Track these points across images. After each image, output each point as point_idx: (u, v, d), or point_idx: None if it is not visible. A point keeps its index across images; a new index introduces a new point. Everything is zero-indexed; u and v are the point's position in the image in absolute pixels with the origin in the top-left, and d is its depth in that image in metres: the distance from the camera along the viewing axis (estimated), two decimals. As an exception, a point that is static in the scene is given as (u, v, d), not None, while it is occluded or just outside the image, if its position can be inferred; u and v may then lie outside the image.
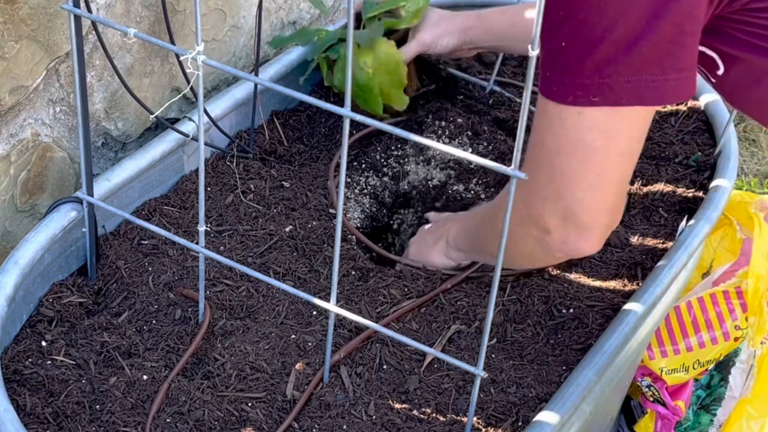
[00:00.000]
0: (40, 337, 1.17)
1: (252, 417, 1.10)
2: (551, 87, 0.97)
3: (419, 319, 1.25)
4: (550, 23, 0.93)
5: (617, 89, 0.93)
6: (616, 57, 0.91)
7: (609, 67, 0.92)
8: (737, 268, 1.59)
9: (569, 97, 0.96)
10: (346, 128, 0.91)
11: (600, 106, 0.95)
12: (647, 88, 0.93)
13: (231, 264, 1.10)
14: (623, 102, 0.94)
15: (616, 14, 0.90)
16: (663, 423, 1.63)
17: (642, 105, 0.95)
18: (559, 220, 1.04)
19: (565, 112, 0.97)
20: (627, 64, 0.92)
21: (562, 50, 0.94)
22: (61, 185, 1.39)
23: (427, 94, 1.65)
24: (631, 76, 0.92)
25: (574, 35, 0.92)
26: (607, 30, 0.90)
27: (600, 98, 0.94)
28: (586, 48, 0.92)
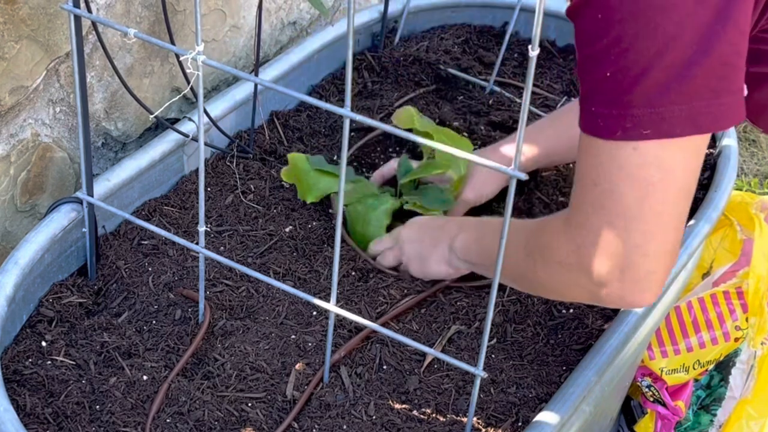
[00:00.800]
0: (40, 338, 1.17)
1: (252, 417, 1.10)
2: (597, 123, 0.90)
3: (419, 319, 1.25)
4: (591, 53, 0.88)
5: (670, 119, 0.87)
6: (668, 84, 0.86)
7: (661, 97, 0.86)
8: (738, 269, 1.59)
9: (618, 132, 0.89)
10: (346, 128, 0.91)
11: (652, 139, 0.88)
12: (702, 114, 0.87)
13: (231, 264, 1.10)
14: (677, 132, 0.88)
15: (666, 38, 0.84)
16: (663, 423, 1.62)
17: (698, 133, 0.89)
18: (616, 272, 0.95)
19: (617, 149, 0.90)
20: (679, 91, 0.86)
21: (607, 81, 0.88)
22: (61, 185, 1.39)
23: (427, 94, 1.65)
24: (684, 104, 0.86)
25: (620, 64, 0.86)
26: (657, 56, 0.85)
27: (652, 130, 0.88)
28: (634, 76, 0.86)
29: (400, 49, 1.71)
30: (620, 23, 0.85)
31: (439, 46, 1.72)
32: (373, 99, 1.62)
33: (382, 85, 1.66)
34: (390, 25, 1.74)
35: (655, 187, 0.91)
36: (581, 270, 0.98)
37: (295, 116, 1.57)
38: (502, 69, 1.70)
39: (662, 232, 0.94)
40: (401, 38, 1.75)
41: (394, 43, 1.73)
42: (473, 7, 1.80)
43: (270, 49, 1.75)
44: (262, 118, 1.54)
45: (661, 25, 0.84)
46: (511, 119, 1.59)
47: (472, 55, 1.73)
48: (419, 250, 1.27)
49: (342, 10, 1.93)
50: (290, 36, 1.80)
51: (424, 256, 1.26)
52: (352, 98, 1.61)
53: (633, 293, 0.97)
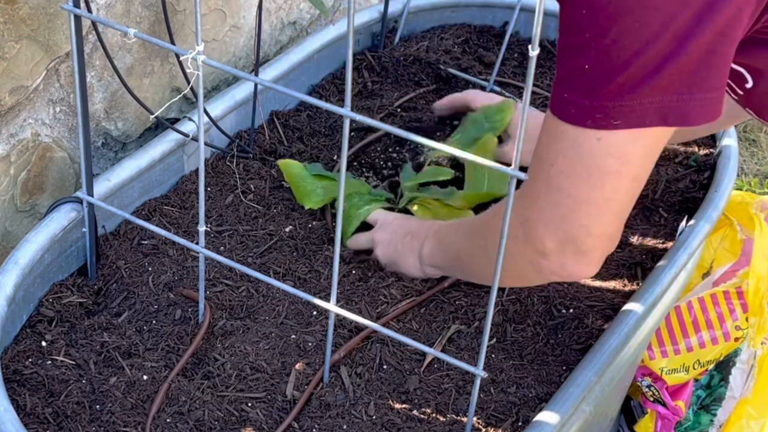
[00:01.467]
0: (40, 337, 1.17)
1: (252, 417, 1.10)
2: (568, 109, 0.93)
3: (419, 319, 1.25)
4: (573, 43, 0.90)
5: (640, 111, 0.90)
6: (642, 79, 0.88)
7: (634, 90, 0.89)
8: (738, 269, 1.59)
9: (588, 120, 0.92)
10: (346, 128, 0.91)
11: (621, 129, 0.91)
12: (671, 108, 0.90)
13: (231, 264, 1.10)
14: (646, 123, 0.91)
15: (649, 36, 0.86)
16: (663, 423, 1.62)
17: (665, 125, 0.91)
18: (558, 243, 1.00)
19: (583, 137, 0.93)
20: (652, 86, 0.88)
21: (585, 72, 0.90)
22: (61, 185, 1.39)
23: (427, 94, 1.65)
24: (655, 97, 0.89)
25: (600, 57, 0.89)
26: (637, 53, 0.87)
27: (622, 121, 0.91)
28: (612, 70, 0.88)
29: (400, 49, 1.71)
30: (606, 20, 0.87)
31: (439, 46, 1.72)
32: (373, 99, 1.62)
33: (382, 85, 1.66)
34: (390, 25, 1.74)
35: (610, 176, 0.95)
36: (527, 241, 1.02)
37: (295, 116, 1.57)
38: (502, 69, 1.70)
39: (608, 216, 0.98)
40: (401, 38, 1.75)
41: (394, 43, 1.73)
42: (473, 7, 1.80)
43: (270, 49, 1.75)
44: (262, 118, 1.54)
45: (645, 24, 0.86)
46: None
47: (472, 55, 1.73)
48: (393, 257, 1.30)
49: (342, 10, 1.93)
50: (290, 36, 1.80)
51: (398, 263, 1.29)
52: (352, 98, 1.61)
53: (574, 265, 1.02)
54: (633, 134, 0.92)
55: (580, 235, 0.99)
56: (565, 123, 0.94)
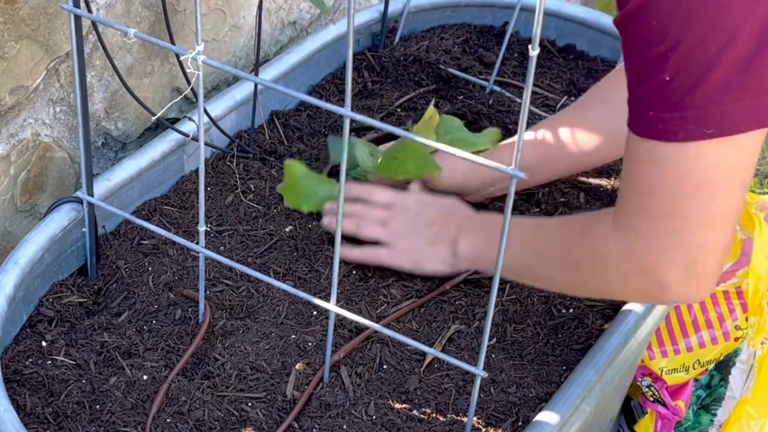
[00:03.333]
0: (40, 337, 1.17)
1: (252, 417, 1.10)
2: (656, 126, 0.89)
3: (419, 319, 1.25)
4: (647, 59, 0.88)
5: (733, 116, 0.86)
6: (729, 82, 0.85)
7: (723, 95, 0.85)
8: (738, 268, 1.59)
9: (680, 134, 0.88)
10: (347, 128, 0.91)
11: (715, 138, 0.88)
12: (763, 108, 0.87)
13: (231, 264, 1.10)
14: (741, 128, 0.87)
15: (726, 38, 0.84)
16: (663, 423, 1.63)
17: (761, 127, 0.88)
18: (680, 273, 0.95)
19: (679, 153, 0.89)
20: (741, 88, 0.85)
21: (666, 84, 0.87)
22: (61, 185, 1.39)
23: (427, 94, 1.65)
24: (747, 100, 0.86)
25: (680, 66, 0.86)
26: (717, 55, 0.84)
27: (715, 129, 0.87)
28: (695, 78, 0.85)
29: (400, 49, 1.71)
30: (679, 27, 0.85)
31: (439, 45, 1.72)
32: (373, 99, 1.62)
33: (382, 84, 1.66)
34: (390, 25, 1.74)
35: (719, 188, 0.91)
36: (640, 275, 0.98)
37: (295, 116, 1.57)
38: (502, 69, 1.70)
39: (723, 229, 0.94)
40: (401, 38, 1.75)
41: (394, 42, 1.73)
42: (473, 6, 1.80)
43: (270, 48, 1.75)
44: (263, 118, 1.54)
45: (720, 25, 0.83)
46: (511, 119, 1.59)
47: (472, 54, 1.73)
48: (412, 246, 1.24)
49: (342, 10, 1.93)
50: (290, 36, 1.80)
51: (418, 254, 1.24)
52: (352, 98, 1.61)
53: (695, 291, 0.97)
54: (731, 142, 0.88)
55: (700, 257, 0.94)
56: (655, 142, 0.90)
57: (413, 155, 1.33)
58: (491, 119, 1.58)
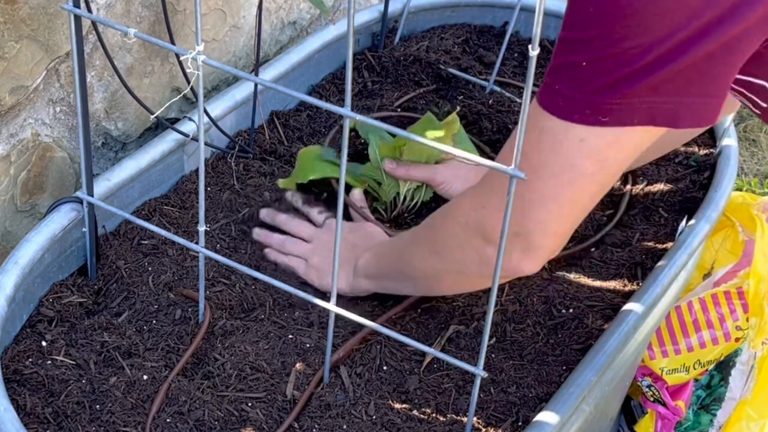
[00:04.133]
0: (40, 337, 1.17)
1: (252, 417, 1.10)
2: (556, 101, 0.91)
3: (418, 319, 1.25)
4: (577, 38, 0.89)
5: (630, 109, 0.89)
6: (637, 79, 0.87)
7: (628, 89, 0.87)
8: (739, 269, 1.59)
9: (575, 115, 0.90)
10: (346, 128, 0.91)
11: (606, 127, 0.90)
12: (661, 108, 0.89)
13: (231, 264, 1.10)
14: (635, 121, 0.89)
15: (653, 40, 0.85)
16: (663, 423, 1.62)
17: (653, 125, 0.90)
18: (511, 237, 0.97)
19: (565, 134, 0.92)
20: (647, 86, 0.87)
21: (581, 67, 0.89)
22: (61, 185, 1.39)
23: (427, 94, 1.65)
24: (648, 97, 0.88)
25: (600, 54, 0.88)
26: (638, 56, 0.86)
27: (610, 118, 0.89)
28: (609, 69, 0.88)
29: (400, 49, 1.71)
30: (613, 20, 0.87)
31: (439, 45, 1.72)
32: (373, 99, 1.62)
33: (382, 84, 1.66)
34: (390, 25, 1.74)
35: (584, 178, 0.93)
36: (477, 228, 1.01)
37: (295, 116, 1.57)
38: (502, 69, 1.70)
39: (566, 217, 0.97)
40: (401, 38, 1.75)
41: (394, 42, 1.73)
42: (473, 6, 1.80)
43: (270, 48, 1.75)
44: (263, 118, 1.54)
45: (650, 29, 0.85)
46: (511, 119, 1.59)
47: (472, 54, 1.73)
48: (322, 265, 1.28)
49: (342, 10, 1.93)
50: (290, 36, 1.80)
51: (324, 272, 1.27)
52: (352, 98, 1.61)
53: (520, 260, 1.00)
54: (617, 136, 0.91)
55: (534, 232, 0.98)
56: (550, 115, 0.92)
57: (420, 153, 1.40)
58: (491, 119, 1.58)
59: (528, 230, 0.98)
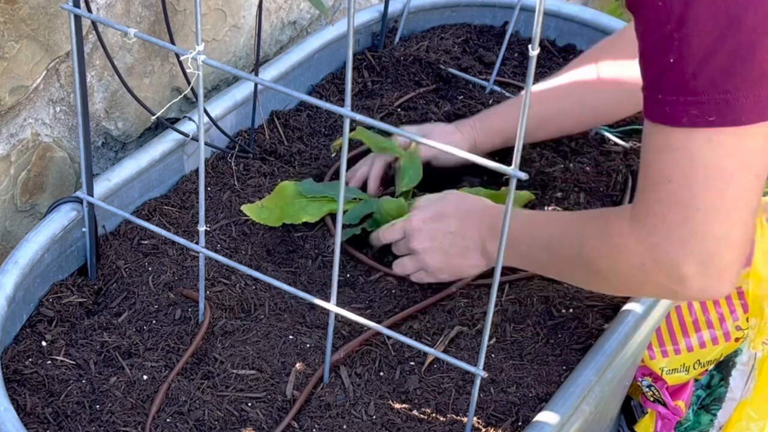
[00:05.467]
0: (40, 337, 1.17)
1: (252, 417, 1.10)
2: (663, 109, 0.88)
3: (419, 319, 1.25)
4: (654, 40, 0.87)
5: (735, 106, 0.85)
6: (732, 69, 0.84)
7: (725, 82, 0.84)
8: (738, 269, 1.59)
9: (683, 118, 0.87)
10: (347, 128, 0.91)
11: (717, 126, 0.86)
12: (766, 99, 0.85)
13: (231, 264, 1.10)
14: (743, 120, 0.86)
15: (729, 20, 0.82)
16: (663, 423, 1.63)
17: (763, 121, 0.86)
18: (697, 266, 0.93)
19: (692, 141, 0.88)
20: (744, 77, 0.84)
21: (671, 67, 0.86)
22: (61, 185, 1.39)
23: (427, 94, 1.65)
24: (749, 90, 0.84)
25: (683, 49, 0.84)
26: (720, 39, 0.83)
27: (716, 116, 0.86)
28: (698, 61, 0.84)
29: (400, 49, 1.71)
30: (682, 7, 0.84)
31: (439, 45, 1.72)
32: (373, 98, 1.62)
33: (382, 84, 1.66)
34: (390, 25, 1.74)
35: (733, 177, 0.89)
36: (658, 269, 0.95)
37: (295, 116, 1.57)
38: (502, 69, 1.70)
39: (741, 221, 0.92)
40: (401, 38, 1.75)
41: (394, 42, 1.73)
42: (473, 6, 1.80)
43: (270, 48, 1.75)
44: (263, 118, 1.54)
45: (723, 7, 0.82)
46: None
47: (472, 54, 1.73)
48: (447, 261, 1.23)
49: (342, 10, 1.93)
50: (290, 36, 1.80)
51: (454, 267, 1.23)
52: (353, 98, 1.61)
53: (715, 285, 0.95)
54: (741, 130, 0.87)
55: (718, 250, 0.92)
56: (666, 127, 0.89)
57: None
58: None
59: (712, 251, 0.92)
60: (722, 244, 0.92)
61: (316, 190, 1.37)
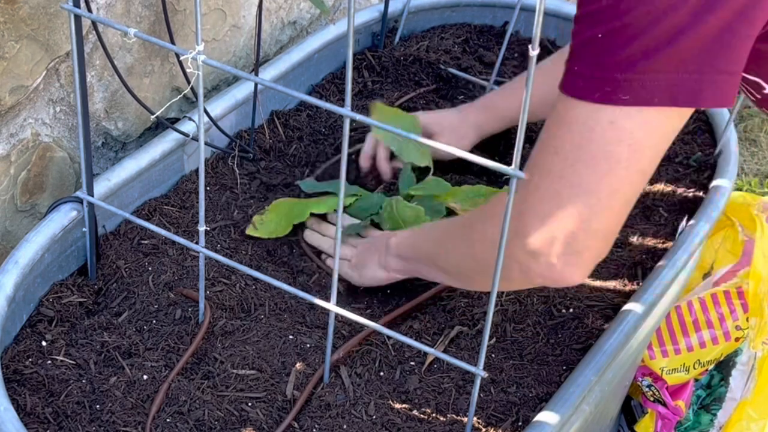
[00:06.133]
0: (40, 337, 1.17)
1: (252, 417, 1.10)
2: (576, 82, 0.88)
3: (419, 319, 1.25)
4: (589, 11, 0.86)
5: (650, 87, 0.85)
6: (654, 51, 0.83)
7: (645, 62, 0.84)
8: (739, 269, 1.59)
9: (596, 94, 0.86)
10: (347, 128, 0.91)
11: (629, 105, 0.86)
12: (682, 86, 0.85)
13: (231, 264, 1.10)
14: (654, 101, 0.86)
15: (665, 7, 0.82)
16: (663, 423, 1.63)
17: (674, 105, 0.86)
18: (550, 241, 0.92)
19: (594, 118, 0.87)
20: (663, 60, 0.84)
21: (596, 41, 0.86)
22: (61, 185, 1.39)
23: (427, 93, 1.65)
24: (666, 74, 0.84)
25: (613, 25, 0.84)
26: (652, 23, 0.83)
27: (630, 96, 0.85)
28: (624, 40, 0.84)
29: (400, 49, 1.71)
30: None
31: (439, 45, 1.72)
32: (374, 98, 1.62)
33: (383, 84, 1.66)
34: (390, 25, 1.74)
35: (620, 164, 0.89)
36: (518, 236, 0.94)
37: (295, 116, 1.57)
38: (503, 68, 1.70)
39: (610, 211, 0.91)
40: (401, 38, 1.75)
41: (395, 42, 1.73)
42: (473, 6, 1.80)
43: (270, 48, 1.75)
44: (263, 118, 1.54)
45: None
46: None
47: (472, 54, 1.73)
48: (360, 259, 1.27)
49: (342, 10, 1.93)
50: (290, 35, 1.80)
51: (363, 263, 1.27)
52: (353, 98, 1.61)
53: (565, 268, 0.94)
54: (645, 118, 0.87)
55: (576, 231, 0.91)
56: (573, 100, 0.88)
57: None
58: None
59: (570, 231, 0.91)
60: (584, 227, 0.90)
61: (318, 187, 1.40)
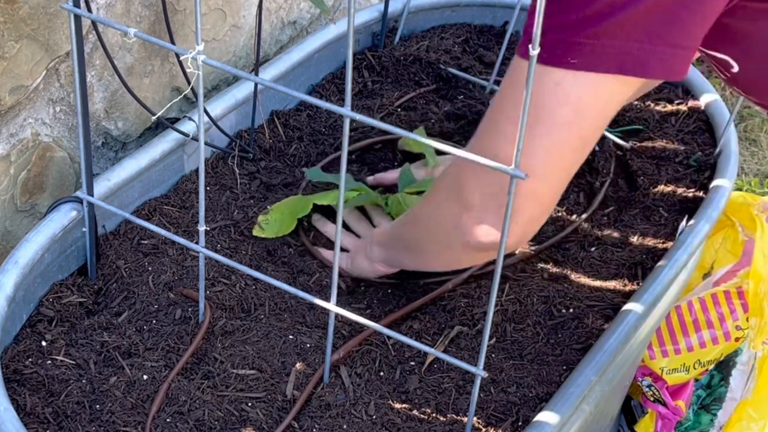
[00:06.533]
0: (40, 337, 1.17)
1: (252, 417, 1.10)
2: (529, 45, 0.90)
3: (419, 319, 1.25)
4: None
5: (599, 52, 0.85)
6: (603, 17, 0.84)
7: (595, 27, 0.85)
8: (739, 269, 1.59)
9: (544, 53, 0.87)
10: (347, 128, 0.91)
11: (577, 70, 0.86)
12: (630, 55, 0.85)
13: (231, 264, 1.10)
14: (601, 68, 0.86)
15: None
16: (663, 423, 1.63)
17: (621, 74, 0.86)
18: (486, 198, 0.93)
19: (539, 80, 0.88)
20: (614, 28, 0.84)
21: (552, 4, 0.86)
22: (61, 185, 1.39)
23: (427, 93, 1.65)
24: (616, 41, 0.85)
25: None
26: None
27: (579, 60, 0.86)
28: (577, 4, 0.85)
29: (400, 49, 1.71)
30: None
31: (439, 45, 1.72)
32: (374, 98, 1.62)
33: (383, 84, 1.66)
34: (390, 25, 1.74)
35: (561, 127, 0.89)
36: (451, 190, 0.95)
37: (295, 116, 1.57)
38: (503, 68, 1.69)
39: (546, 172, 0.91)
40: (401, 38, 1.75)
41: (395, 42, 1.73)
42: (473, 6, 1.80)
43: (270, 48, 1.75)
44: (263, 118, 1.54)
45: None
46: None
47: (472, 54, 1.73)
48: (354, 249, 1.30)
49: (342, 10, 1.93)
50: (290, 35, 1.80)
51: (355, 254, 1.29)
52: (353, 97, 1.61)
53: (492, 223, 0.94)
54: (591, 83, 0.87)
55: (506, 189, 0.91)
56: (524, 61, 0.89)
57: None
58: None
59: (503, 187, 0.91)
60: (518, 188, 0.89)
61: (323, 177, 1.42)
